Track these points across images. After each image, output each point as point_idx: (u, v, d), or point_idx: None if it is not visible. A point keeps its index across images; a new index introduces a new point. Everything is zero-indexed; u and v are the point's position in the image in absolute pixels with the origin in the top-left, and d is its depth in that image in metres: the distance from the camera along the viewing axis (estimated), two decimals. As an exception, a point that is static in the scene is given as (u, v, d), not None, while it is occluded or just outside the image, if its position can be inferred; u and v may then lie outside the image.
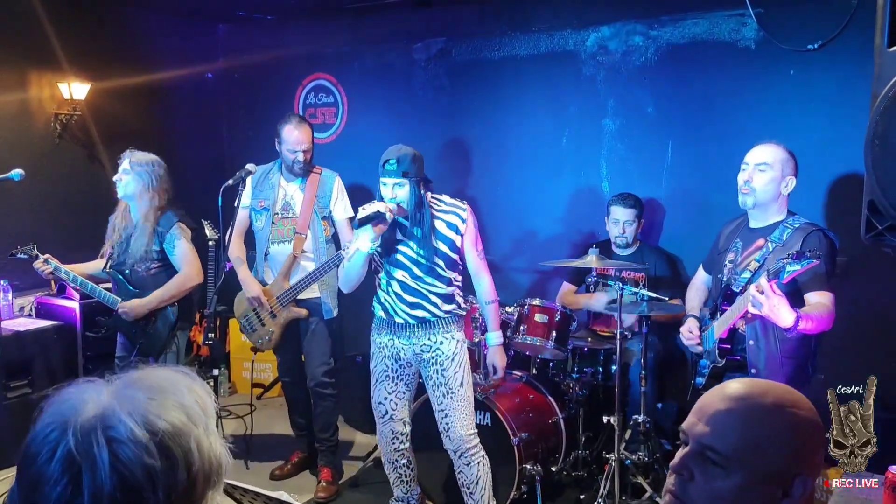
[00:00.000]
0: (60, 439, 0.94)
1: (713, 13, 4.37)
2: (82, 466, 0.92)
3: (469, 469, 3.43)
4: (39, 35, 4.91)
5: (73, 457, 0.93)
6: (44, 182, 4.95)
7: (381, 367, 3.50)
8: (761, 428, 1.19)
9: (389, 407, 3.51)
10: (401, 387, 3.50)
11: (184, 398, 1.02)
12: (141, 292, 3.91)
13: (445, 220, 3.35)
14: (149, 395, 0.99)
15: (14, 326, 4.55)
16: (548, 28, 4.90)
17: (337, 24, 5.67)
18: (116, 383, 1.01)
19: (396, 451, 3.55)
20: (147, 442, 0.95)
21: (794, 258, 2.65)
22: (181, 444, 0.97)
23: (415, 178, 3.25)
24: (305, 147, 4.07)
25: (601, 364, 4.27)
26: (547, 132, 4.96)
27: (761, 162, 3.07)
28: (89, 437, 0.93)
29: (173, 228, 3.89)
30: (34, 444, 0.96)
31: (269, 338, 4.17)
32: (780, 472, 1.18)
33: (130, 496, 0.93)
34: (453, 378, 3.38)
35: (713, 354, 3.12)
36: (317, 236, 4.12)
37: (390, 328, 3.45)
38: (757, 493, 1.17)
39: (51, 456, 0.94)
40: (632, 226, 4.34)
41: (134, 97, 5.51)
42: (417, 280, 3.34)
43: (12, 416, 4.34)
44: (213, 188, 3.95)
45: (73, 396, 0.99)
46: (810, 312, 2.84)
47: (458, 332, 3.44)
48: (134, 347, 4.01)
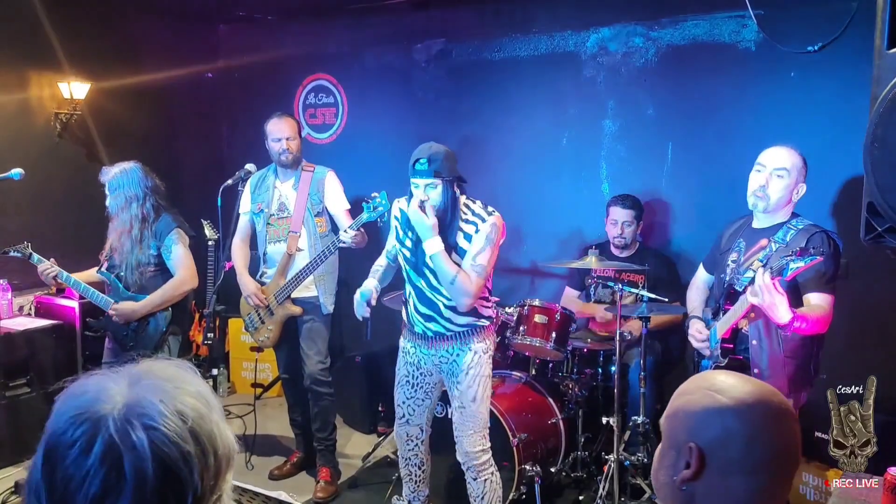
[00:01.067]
0: (96, 430, 0.95)
1: (713, 15, 4.37)
2: (123, 455, 0.94)
3: (476, 484, 3.36)
4: (40, 35, 4.92)
5: (114, 445, 0.94)
6: (43, 181, 4.95)
7: (402, 372, 3.45)
8: (679, 401, 1.33)
9: (407, 411, 3.46)
10: (419, 394, 3.43)
11: (197, 386, 1.05)
12: (134, 294, 3.90)
13: (465, 232, 3.14)
14: (170, 384, 1.02)
15: (13, 325, 4.56)
16: (548, 29, 4.91)
17: (337, 25, 5.67)
18: (130, 374, 1.03)
19: (410, 451, 3.52)
20: (180, 428, 0.97)
21: (797, 255, 2.65)
22: (207, 429, 1.01)
23: (448, 177, 3.06)
24: (287, 135, 4.08)
25: (601, 365, 4.28)
26: (547, 133, 4.96)
27: (780, 167, 3.01)
28: (126, 426, 0.95)
29: (171, 233, 3.88)
30: (62, 439, 0.96)
31: (269, 335, 4.19)
32: (680, 442, 1.29)
33: (171, 480, 0.95)
34: (466, 392, 3.26)
35: (716, 354, 3.11)
36: (311, 233, 4.12)
37: (413, 336, 3.38)
38: (667, 458, 1.33)
39: (87, 447, 0.94)
40: (630, 227, 4.34)
41: (134, 97, 5.51)
42: (434, 291, 3.21)
43: (11, 414, 4.35)
44: (213, 188, 3.95)
45: (91, 388, 1.00)
46: (806, 314, 2.85)
47: (478, 344, 3.26)
48: (123, 351, 3.99)
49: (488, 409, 3.36)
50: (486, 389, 3.30)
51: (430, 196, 3.07)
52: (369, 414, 5.10)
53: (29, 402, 4.45)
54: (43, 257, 3.92)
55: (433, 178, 3.04)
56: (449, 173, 3.07)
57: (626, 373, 4.16)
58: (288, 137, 4.09)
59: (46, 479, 0.96)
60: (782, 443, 1.26)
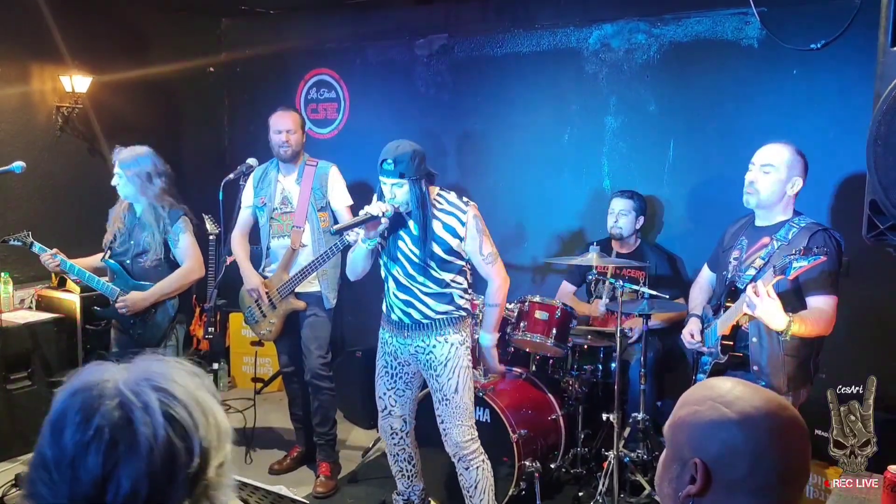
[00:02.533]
0: (102, 396, 0.98)
1: (716, 12, 4.36)
2: (134, 413, 0.97)
3: (468, 473, 3.37)
4: (42, 28, 4.91)
5: (125, 404, 0.98)
6: (45, 174, 4.96)
7: (381, 363, 3.48)
8: (684, 411, 1.31)
9: (388, 403, 3.48)
10: (399, 384, 3.46)
11: (192, 368, 1.10)
12: (141, 283, 3.91)
13: (443, 221, 3.19)
14: (166, 367, 1.06)
15: (14, 319, 4.56)
16: (550, 25, 4.90)
17: (339, 20, 5.66)
18: (126, 364, 1.06)
19: (396, 445, 3.54)
20: (183, 392, 1.03)
21: (800, 254, 2.65)
22: (206, 405, 1.06)
23: (414, 176, 3.10)
24: (288, 128, 4.09)
25: (601, 361, 4.28)
26: (549, 129, 4.96)
27: (766, 163, 3.05)
28: (136, 387, 1.00)
29: (178, 222, 3.89)
30: (69, 408, 0.99)
31: (271, 329, 4.20)
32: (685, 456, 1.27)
33: (179, 435, 0.99)
34: (447, 384, 3.29)
35: (715, 351, 3.12)
36: (314, 228, 4.13)
37: (390, 325, 3.41)
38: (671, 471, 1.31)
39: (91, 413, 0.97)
40: (626, 217, 4.34)
41: (136, 91, 5.51)
42: (410, 279, 3.25)
43: (12, 407, 4.36)
44: (215, 182, 3.95)
45: (93, 368, 1.04)
46: (806, 318, 2.85)
47: (454, 335, 3.30)
48: (130, 340, 3.99)
49: (472, 399, 3.38)
50: (467, 380, 3.33)
51: (397, 195, 3.13)
52: (370, 409, 5.04)
53: (30, 395, 4.45)
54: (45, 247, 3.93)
55: (399, 178, 3.09)
56: (415, 173, 3.10)
57: (627, 369, 4.17)
58: (288, 130, 4.09)
59: (54, 447, 0.97)
60: (789, 461, 1.22)
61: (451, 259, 3.25)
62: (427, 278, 3.24)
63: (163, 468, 0.97)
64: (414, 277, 3.25)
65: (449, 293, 3.29)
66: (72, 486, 0.95)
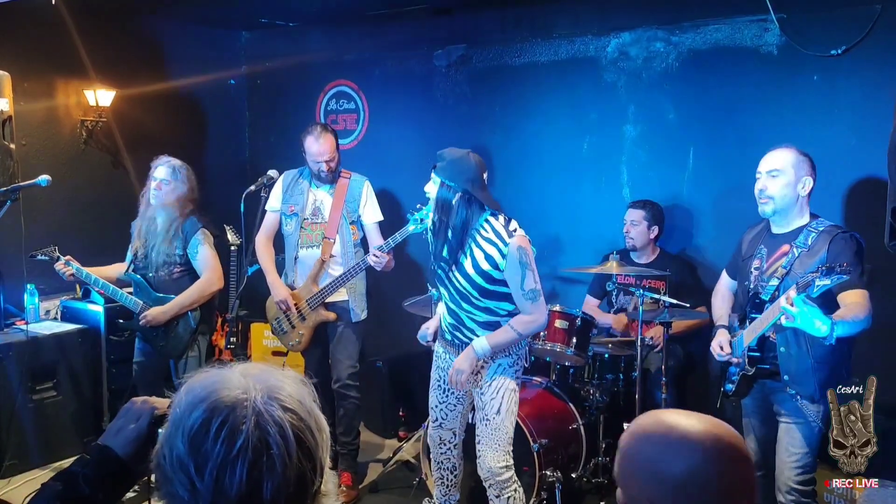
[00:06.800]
0: (241, 418, 1.06)
1: (735, 19, 4.34)
2: (269, 434, 1.05)
3: (499, 501, 3.29)
4: (66, 43, 5.00)
5: (261, 425, 1.06)
6: (70, 188, 5.03)
7: (434, 376, 3.45)
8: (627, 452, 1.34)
9: (439, 415, 3.44)
10: (451, 399, 3.40)
11: (298, 376, 1.18)
12: (163, 296, 3.96)
13: (484, 251, 3.05)
14: (283, 380, 1.14)
15: (40, 330, 4.62)
16: (568, 34, 4.90)
17: (358, 31, 5.71)
18: (245, 369, 1.14)
19: (443, 455, 3.49)
20: (300, 408, 1.11)
21: (824, 273, 2.60)
22: (320, 422, 1.15)
23: (447, 180, 3.04)
24: (328, 157, 4.10)
25: (622, 371, 4.25)
26: (567, 139, 4.96)
27: (772, 169, 3.03)
28: (268, 407, 1.07)
29: (197, 234, 3.95)
30: (207, 427, 1.05)
31: (300, 340, 4.22)
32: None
33: (305, 453, 1.09)
34: (489, 404, 3.21)
35: (743, 363, 3.08)
36: (345, 241, 4.15)
37: (444, 342, 3.38)
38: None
39: (233, 431, 1.04)
40: (637, 227, 4.32)
41: (158, 104, 5.58)
42: (456, 304, 3.20)
43: (37, 418, 4.41)
44: (236, 194, 3.99)
45: (223, 382, 1.11)
46: (845, 316, 2.78)
47: (503, 357, 3.19)
48: (154, 351, 4.05)
49: (513, 424, 3.28)
50: (510, 403, 3.22)
51: (430, 190, 3.15)
52: (391, 419, 5.12)
53: (55, 405, 4.51)
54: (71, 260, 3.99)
55: (433, 170, 3.11)
56: (450, 177, 3.05)
57: (648, 378, 4.14)
58: (328, 160, 4.10)
59: (195, 455, 1.04)
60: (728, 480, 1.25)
61: (494, 288, 3.10)
62: (470, 306, 3.16)
63: (296, 486, 1.07)
64: (459, 303, 3.19)
65: (496, 321, 3.17)
66: (215, 496, 1.03)
